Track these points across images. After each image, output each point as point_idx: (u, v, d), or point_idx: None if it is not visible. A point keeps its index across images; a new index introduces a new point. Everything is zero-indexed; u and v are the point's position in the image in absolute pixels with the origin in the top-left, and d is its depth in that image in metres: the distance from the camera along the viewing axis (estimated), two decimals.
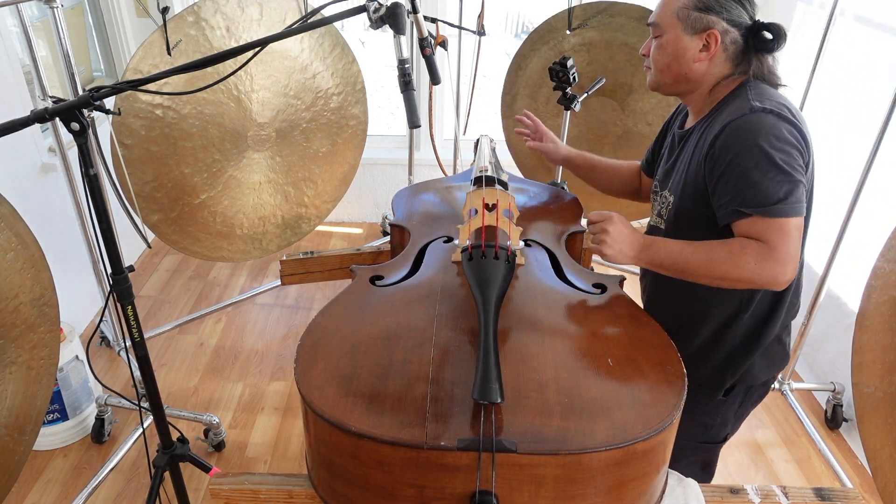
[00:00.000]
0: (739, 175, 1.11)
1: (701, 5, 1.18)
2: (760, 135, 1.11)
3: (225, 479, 1.11)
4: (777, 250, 1.09)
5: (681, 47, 1.22)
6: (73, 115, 1.04)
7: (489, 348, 0.99)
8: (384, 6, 1.24)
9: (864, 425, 1.39)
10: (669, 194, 1.31)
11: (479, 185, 1.52)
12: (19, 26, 1.65)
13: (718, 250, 1.13)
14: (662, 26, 1.23)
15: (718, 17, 1.18)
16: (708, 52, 1.20)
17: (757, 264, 1.09)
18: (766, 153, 1.09)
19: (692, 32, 1.20)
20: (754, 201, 1.10)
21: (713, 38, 1.19)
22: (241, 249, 2.36)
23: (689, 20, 1.19)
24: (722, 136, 1.14)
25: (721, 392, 1.34)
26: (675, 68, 1.24)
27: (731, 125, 1.14)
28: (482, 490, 0.90)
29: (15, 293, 1.26)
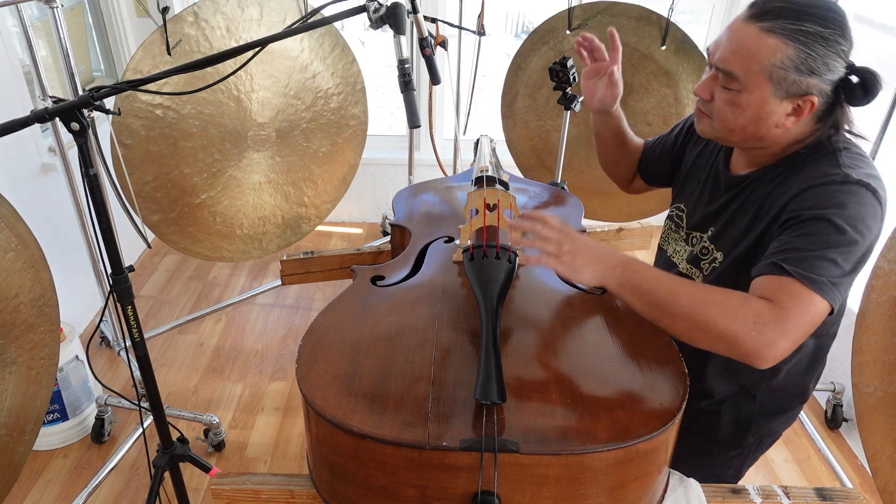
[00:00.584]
0: (803, 235, 0.96)
1: (804, 68, 0.96)
2: (851, 209, 0.95)
3: (226, 479, 1.10)
4: (788, 320, 0.92)
5: (765, 111, 1.00)
6: (73, 115, 1.03)
7: (491, 348, 0.99)
8: (384, 6, 1.24)
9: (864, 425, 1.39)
10: (717, 250, 1.14)
11: (479, 185, 1.52)
12: (19, 26, 1.65)
13: (716, 292, 0.96)
14: (743, 81, 1.00)
15: (820, 79, 0.97)
16: (797, 118, 1.01)
17: (756, 323, 0.92)
18: (842, 231, 0.95)
19: (784, 96, 0.98)
20: (802, 265, 0.94)
21: (808, 103, 0.99)
22: (241, 249, 2.36)
23: (784, 83, 0.97)
24: (801, 197, 0.99)
25: (737, 448, 1.27)
26: (752, 131, 1.04)
27: (817, 188, 0.98)
28: (484, 490, 0.90)
29: (15, 293, 1.26)
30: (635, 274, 1.00)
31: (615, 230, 2.00)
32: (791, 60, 0.96)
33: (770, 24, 0.96)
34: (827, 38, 0.95)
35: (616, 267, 1.02)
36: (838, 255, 0.95)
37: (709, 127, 1.10)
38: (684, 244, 1.24)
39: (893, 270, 1.34)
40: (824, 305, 0.95)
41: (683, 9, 2.35)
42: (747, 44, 0.98)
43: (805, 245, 0.96)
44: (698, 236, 1.19)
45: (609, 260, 1.03)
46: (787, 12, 0.96)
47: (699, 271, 1.19)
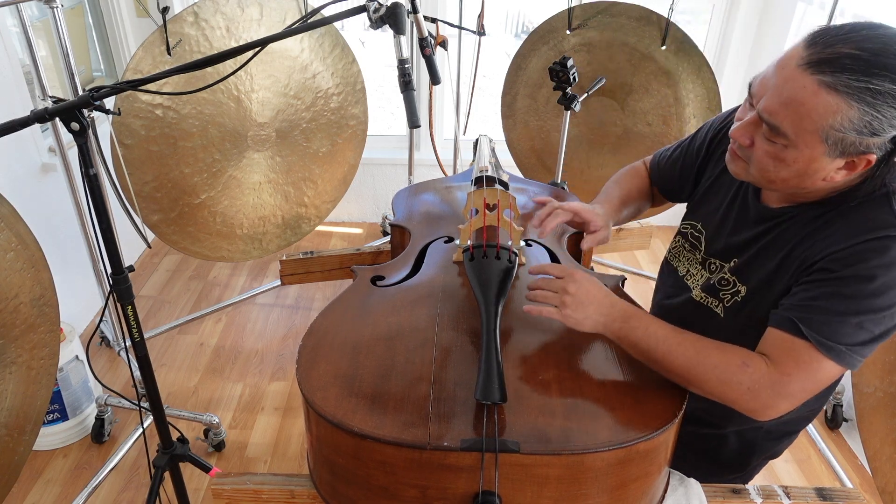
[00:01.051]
0: (830, 295, 0.89)
1: (867, 130, 0.82)
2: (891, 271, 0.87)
3: (227, 479, 1.10)
4: (787, 384, 0.90)
5: (812, 168, 0.89)
6: (73, 115, 1.03)
7: (491, 348, 0.99)
8: (384, 6, 1.24)
9: (864, 425, 1.39)
10: (740, 283, 1.07)
11: (479, 185, 1.52)
12: (19, 26, 1.65)
13: (714, 354, 0.94)
14: (791, 139, 0.88)
15: (883, 138, 0.83)
16: (850, 172, 0.89)
17: (751, 388, 0.90)
18: (881, 293, 0.87)
19: (839, 156, 0.86)
20: (820, 329, 0.89)
21: (864, 161, 0.87)
22: (241, 249, 2.36)
23: (841, 144, 0.85)
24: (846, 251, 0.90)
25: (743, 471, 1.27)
26: (794, 183, 0.93)
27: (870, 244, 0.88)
28: (485, 490, 0.90)
29: (15, 293, 1.26)
30: (633, 331, 0.99)
31: (615, 230, 1.99)
32: (852, 123, 0.82)
33: (832, 78, 0.82)
34: None
35: (616, 320, 1.01)
36: (867, 321, 0.88)
37: (744, 171, 1.00)
38: (700, 268, 1.17)
39: None
40: (836, 370, 0.91)
41: (683, 9, 2.36)
42: (801, 98, 0.84)
43: (833, 306, 0.89)
44: (718, 264, 1.12)
45: (610, 313, 1.01)
46: (854, 64, 0.81)
47: (718, 301, 1.11)
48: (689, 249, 1.21)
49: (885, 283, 0.87)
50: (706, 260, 1.15)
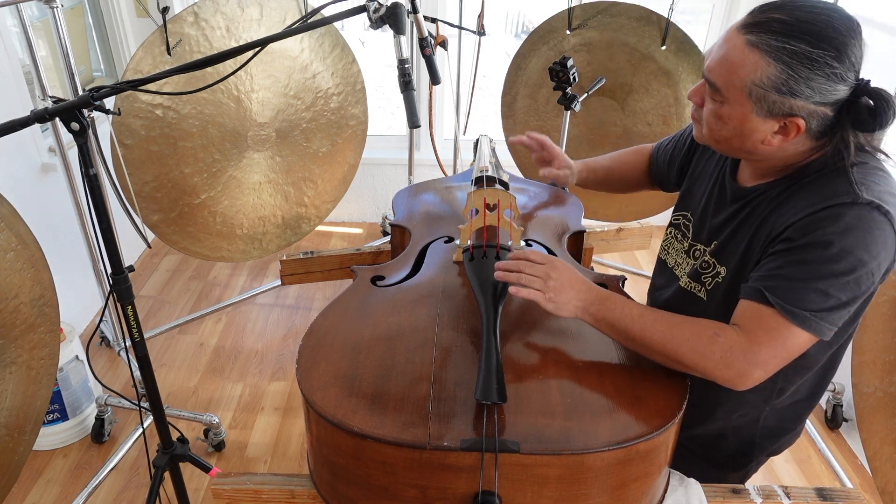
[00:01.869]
0: (794, 262, 0.93)
1: (784, 88, 0.89)
2: (854, 235, 0.89)
3: (227, 479, 1.10)
4: (758, 352, 0.92)
5: (748, 128, 0.96)
6: (73, 115, 1.03)
7: (491, 348, 0.99)
8: (384, 6, 1.24)
9: (864, 425, 1.39)
10: (719, 265, 1.10)
11: (479, 185, 1.52)
12: (19, 26, 1.65)
13: (685, 328, 0.97)
14: (724, 94, 0.96)
15: (806, 102, 0.90)
16: (785, 137, 0.95)
17: (723, 357, 0.93)
18: (844, 258, 0.89)
19: (766, 115, 0.93)
20: (785, 295, 0.92)
21: (794, 125, 0.92)
22: (241, 249, 2.36)
23: (763, 102, 0.92)
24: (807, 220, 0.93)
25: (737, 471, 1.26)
26: (738, 144, 1.00)
27: (822, 212, 0.91)
28: (485, 490, 0.90)
29: (15, 293, 1.26)
30: (610, 312, 1.02)
31: (615, 230, 2.00)
32: (770, 80, 0.90)
33: (756, 38, 0.90)
34: (815, 59, 0.87)
35: (593, 304, 1.03)
36: (830, 287, 0.91)
37: (700, 134, 1.07)
38: (686, 256, 1.20)
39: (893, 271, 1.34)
40: (805, 337, 0.93)
41: (683, 9, 2.35)
42: (732, 56, 0.93)
43: (795, 273, 0.92)
44: (701, 249, 1.15)
45: (588, 296, 1.04)
46: (778, 26, 0.89)
47: (701, 286, 1.14)
48: (679, 240, 1.24)
49: (842, 249, 0.90)
50: (692, 247, 1.18)
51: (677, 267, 1.23)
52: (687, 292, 1.17)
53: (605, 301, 1.03)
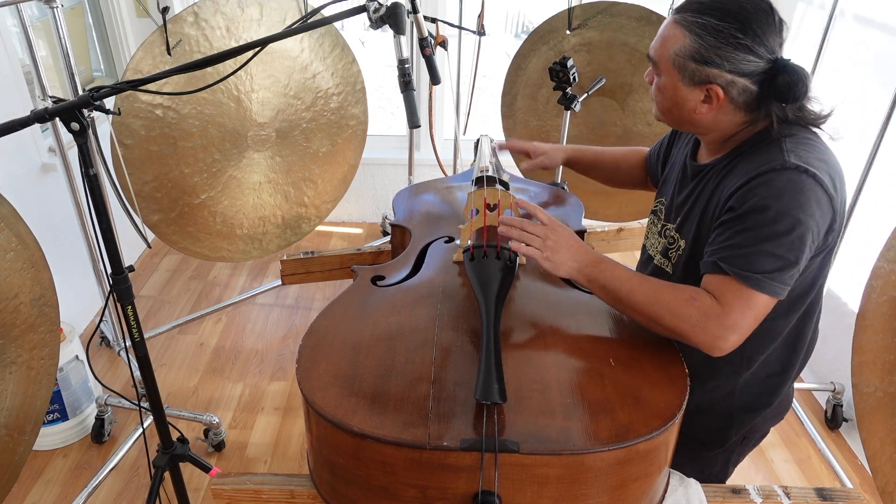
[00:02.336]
0: (740, 231, 1.01)
1: (698, 56, 1.02)
2: (786, 197, 0.98)
3: (227, 479, 1.10)
4: (728, 316, 1.00)
5: (679, 96, 1.08)
6: (73, 115, 1.03)
7: (491, 348, 0.99)
8: (384, 6, 1.24)
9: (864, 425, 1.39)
10: (680, 238, 1.19)
11: (480, 185, 1.52)
12: (19, 26, 1.65)
13: (667, 292, 1.05)
14: (659, 68, 1.10)
15: (720, 70, 1.02)
16: (710, 106, 1.07)
17: (699, 320, 1.00)
18: (781, 219, 0.98)
19: (691, 84, 1.06)
20: (738, 263, 1.00)
21: (714, 92, 1.04)
22: (241, 249, 2.36)
23: (685, 71, 1.05)
24: (745, 188, 1.02)
25: (721, 447, 1.28)
26: (677, 114, 1.12)
27: (759, 178, 1.00)
28: (485, 490, 0.90)
29: (15, 293, 1.26)
30: (602, 273, 1.09)
31: (615, 230, 2.00)
32: (686, 50, 1.03)
33: (679, 15, 1.05)
34: (720, 30, 1.00)
35: (587, 265, 1.11)
36: (776, 248, 0.98)
37: (655, 111, 1.18)
38: (659, 237, 1.28)
39: (893, 270, 1.34)
40: (764, 299, 1.00)
41: None
42: (663, 33, 1.08)
43: (742, 241, 1.00)
44: (670, 227, 1.24)
45: (583, 258, 1.11)
46: (696, 5, 1.03)
47: (668, 261, 1.23)
48: (655, 223, 1.32)
49: (778, 211, 0.98)
50: (663, 227, 1.27)
51: (652, 248, 1.31)
52: (658, 268, 1.27)
53: (599, 264, 1.10)
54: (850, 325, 1.39)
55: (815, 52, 2.14)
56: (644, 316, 1.06)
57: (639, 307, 1.06)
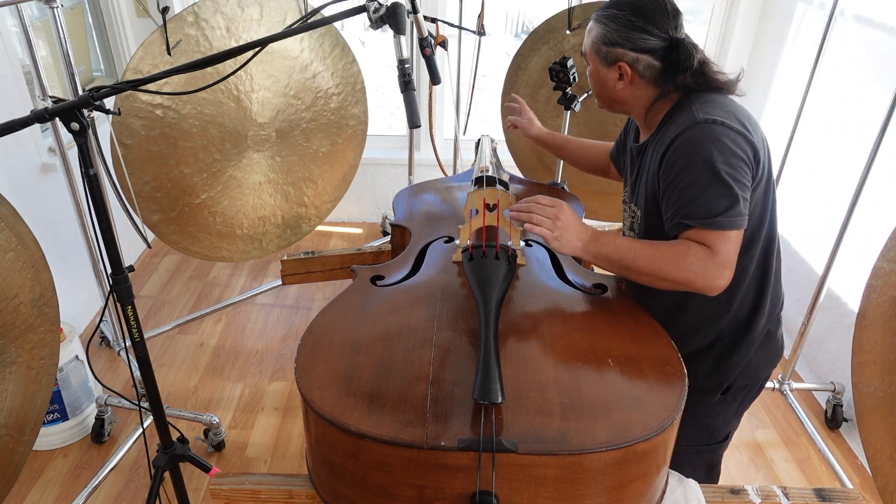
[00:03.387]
0: (683, 188, 1.15)
1: (607, 40, 1.23)
2: (704, 147, 1.13)
3: (225, 479, 1.11)
4: (716, 256, 1.13)
5: (601, 77, 1.28)
6: (73, 115, 1.04)
7: (490, 348, 0.99)
8: (384, 6, 1.24)
9: (864, 425, 1.39)
10: (637, 209, 1.34)
11: (479, 186, 1.52)
12: (19, 26, 1.65)
13: (666, 249, 1.16)
14: (587, 57, 1.31)
15: (625, 49, 1.21)
16: (624, 82, 1.25)
17: (700, 266, 1.13)
18: (708, 166, 1.12)
19: (606, 65, 1.25)
20: (695, 214, 1.13)
21: (623, 69, 1.23)
22: (241, 249, 2.36)
23: (600, 54, 1.25)
24: (670, 151, 1.17)
25: (719, 392, 1.34)
26: (604, 95, 1.31)
27: (678, 139, 1.16)
28: (482, 490, 0.90)
29: (15, 293, 1.26)
30: (604, 247, 1.20)
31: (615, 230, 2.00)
32: (599, 37, 1.24)
33: (595, 14, 1.26)
34: (619, 17, 1.21)
35: (591, 242, 1.21)
36: (718, 190, 1.12)
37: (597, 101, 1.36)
38: (625, 216, 1.43)
39: (893, 270, 1.34)
40: (731, 234, 1.13)
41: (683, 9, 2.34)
42: (587, 30, 1.29)
43: (689, 195, 1.14)
44: (628, 204, 1.39)
45: (586, 237, 1.22)
46: (606, 4, 1.25)
47: (634, 234, 1.37)
48: (624, 209, 1.44)
49: (703, 159, 1.13)
50: (626, 206, 1.41)
51: (624, 228, 1.45)
52: None
53: (599, 238, 1.22)
54: (851, 325, 1.40)
55: (815, 52, 2.13)
56: (650, 276, 1.17)
57: (645, 269, 1.17)
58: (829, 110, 2.42)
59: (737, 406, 1.38)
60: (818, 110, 2.43)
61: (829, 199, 2.41)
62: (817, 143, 2.48)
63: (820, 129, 2.46)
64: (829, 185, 2.42)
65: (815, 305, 2.13)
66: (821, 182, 2.47)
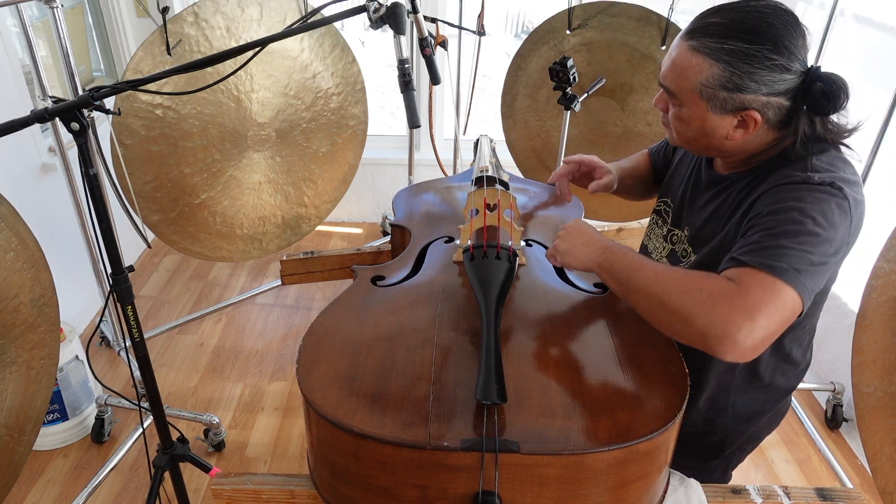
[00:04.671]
0: (764, 230, 0.93)
1: (731, 85, 0.95)
2: (807, 204, 0.92)
3: (227, 479, 1.10)
4: (745, 298, 0.87)
5: (709, 126, 1.02)
6: (73, 115, 1.03)
7: (491, 348, 0.99)
8: (384, 6, 1.24)
9: (864, 425, 1.39)
10: (693, 252, 1.14)
11: (480, 185, 1.52)
12: (19, 26, 1.65)
13: (678, 274, 0.96)
14: (679, 98, 1.03)
15: (756, 94, 0.96)
16: (746, 131, 1.00)
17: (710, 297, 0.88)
18: (804, 224, 0.91)
19: (722, 112, 0.99)
20: (761, 255, 0.91)
21: (750, 118, 0.98)
22: (241, 249, 2.36)
23: (716, 100, 0.98)
24: (763, 197, 0.98)
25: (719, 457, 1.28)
26: (703, 142, 1.05)
27: (778, 188, 0.96)
28: (485, 490, 0.90)
29: (15, 293, 1.26)
30: (616, 261, 1.06)
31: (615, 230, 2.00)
32: (716, 79, 0.96)
33: (697, 42, 0.98)
34: (753, 55, 0.94)
35: (604, 251, 1.09)
36: (799, 244, 0.90)
37: (672, 138, 1.13)
38: (664, 241, 1.25)
39: (893, 270, 1.34)
40: (789, 290, 0.88)
41: (683, 9, 2.35)
42: (679, 62, 1.01)
43: (763, 238, 0.93)
44: (678, 234, 1.21)
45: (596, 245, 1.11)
46: (715, 29, 0.96)
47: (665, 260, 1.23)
48: (660, 225, 1.28)
49: (804, 213, 0.92)
50: (670, 232, 1.23)
51: (655, 251, 1.28)
52: None
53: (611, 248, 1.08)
54: (850, 325, 1.40)
55: (815, 52, 2.14)
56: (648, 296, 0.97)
57: (643, 285, 0.98)
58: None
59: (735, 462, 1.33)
60: None
61: None
62: None
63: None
64: None
65: None
66: None
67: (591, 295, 1.25)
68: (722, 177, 1.12)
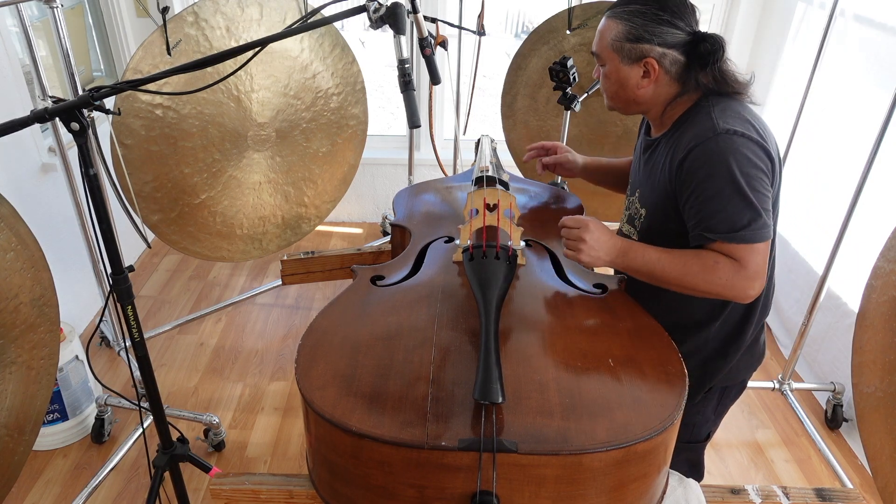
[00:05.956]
0: (704, 200, 1.14)
1: (631, 36, 1.20)
2: (726, 159, 1.12)
3: (226, 479, 1.11)
4: (746, 268, 1.13)
5: (622, 77, 1.24)
6: (73, 115, 1.04)
7: (490, 348, 0.99)
8: (384, 6, 1.24)
9: (864, 425, 1.39)
10: (641, 207, 1.33)
11: (480, 186, 1.52)
12: (19, 26, 1.65)
13: (693, 263, 1.16)
14: (602, 58, 1.26)
15: (651, 45, 1.19)
16: (650, 79, 1.22)
17: (728, 279, 1.14)
18: (730, 179, 1.11)
19: (629, 62, 1.22)
20: (718, 227, 1.13)
21: (650, 65, 1.20)
22: (241, 249, 2.36)
23: (623, 52, 1.21)
24: (689, 159, 1.16)
25: (701, 393, 1.35)
26: (623, 95, 1.27)
27: (698, 148, 1.15)
28: (483, 490, 0.90)
29: (15, 293, 1.26)
30: (633, 261, 1.21)
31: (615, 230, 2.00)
32: (622, 34, 1.21)
33: (611, 11, 1.24)
34: (644, 11, 1.19)
35: (619, 256, 1.23)
36: (740, 201, 1.11)
37: (606, 102, 1.33)
38: (626, 211, 1.42)
39: (893, 270, 1.34)
40: (759, 246, 1.13)
41: None
42: (601, 29, 1.26)
43: (711, 208, 1.13)
44: (633, 199, 1.38)
45: (613, 252, 1.23)
46: (623, 1, 1.22)
47: (634, 229, 1.36)
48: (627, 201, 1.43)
49: (724, 171, 1.12)
50: (628, 199, 1.41)
51: (623, 224, 1.44)
52: (626, 237, 1.36)
53: (627, 252, 1.22)
54: (851, 325, 1.40)
55: (815, 52, 2.13)
56: (678, 288, 1.18)
57: (673, 282, 1.18)
58: (828, 110, 2.42)
59: (714, 405, 1.40)
60: (818, 110, 2.43)
61: (829, 199, 2.41)
62: (817, 142, 2.48)
63: (820, 129, 2.46)
64: (829, 185, 2.42)
65: (815, 305, 2.13)
66: (821, 182, 2.47)
67: (590, 295, 1.25)
68: (653, 139, 1.32)
